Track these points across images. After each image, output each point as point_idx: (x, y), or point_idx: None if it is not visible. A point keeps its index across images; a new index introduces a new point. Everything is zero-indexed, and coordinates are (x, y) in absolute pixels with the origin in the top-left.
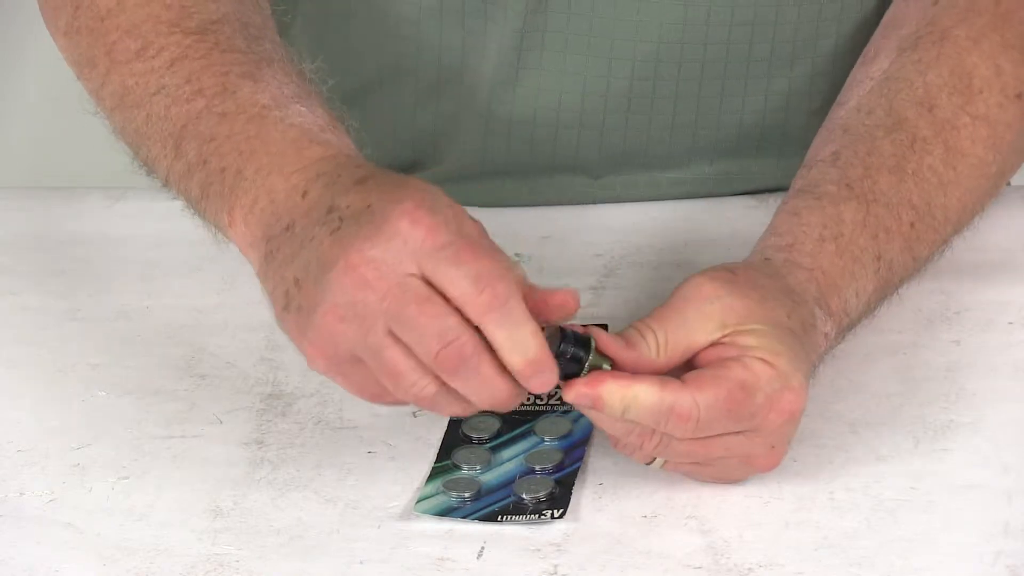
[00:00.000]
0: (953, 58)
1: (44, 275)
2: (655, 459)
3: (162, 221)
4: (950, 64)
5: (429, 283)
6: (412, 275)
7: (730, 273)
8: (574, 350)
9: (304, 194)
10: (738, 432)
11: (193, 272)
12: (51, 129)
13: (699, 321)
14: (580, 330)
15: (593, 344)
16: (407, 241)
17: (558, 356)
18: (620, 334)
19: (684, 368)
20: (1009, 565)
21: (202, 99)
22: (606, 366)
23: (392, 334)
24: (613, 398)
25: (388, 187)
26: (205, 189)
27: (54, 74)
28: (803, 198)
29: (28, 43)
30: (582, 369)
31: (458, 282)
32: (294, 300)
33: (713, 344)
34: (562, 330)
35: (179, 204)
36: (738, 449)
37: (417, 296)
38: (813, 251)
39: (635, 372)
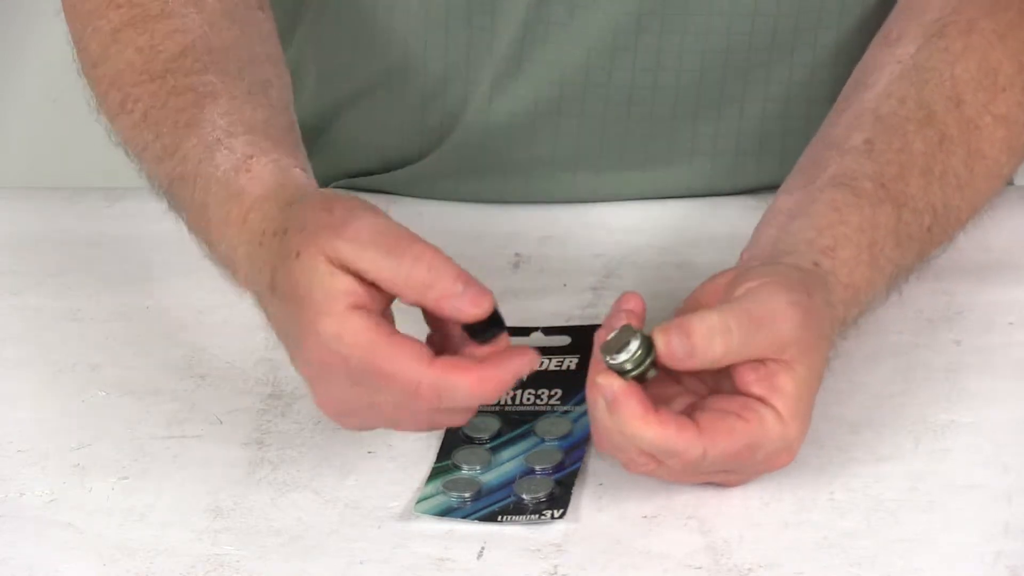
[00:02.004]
0: (980, 52)
1: (44, 275)
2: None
3: (162, 221)
4: (977, 58)
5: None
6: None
7: (808, 298)
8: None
9: (247, 277)
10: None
11: (193, 272)
12: (51, 129)
13: (771, 342)
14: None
15: (654, 354)
16: (329, 372)
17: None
18: (686, 326)
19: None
20: (1009, 565)
21: (168, 161)
22: (652, 373)
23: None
24: (629, 425)
25: (290, 309)
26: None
27: (54, 74)
28: (842, 192)
29: (28, 43)
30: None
31: (391, 399)
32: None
33: (760, 359)
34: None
35: None
36: (716, 478)
37: (370, 385)
38: (851, 261)
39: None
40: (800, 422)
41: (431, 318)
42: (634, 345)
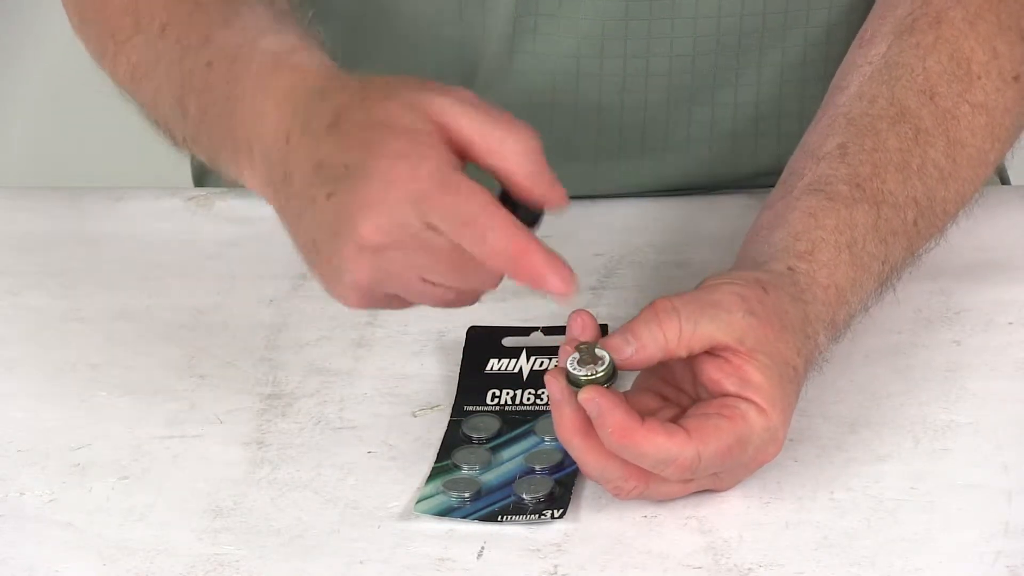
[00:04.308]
0: (951, 42)
1: (44, 275)
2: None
3: (162, 221)
4: (948, 49)
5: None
6: (421, 227)
7: (762, 292)
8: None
9: (287, 139)
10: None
11: (193, 272)
12: (51, 129)
13: (725, 326)
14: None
15: (609, 361)
16: (396, 198)
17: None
18: (640, 322)
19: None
20: (1009, 565)
21: (191, 56)
22: (614, 380)
23: (430, 280)
24: (620, 438)
25: (360, 136)
26: (213, 142)
27: (54, 74)
28: (817, 197)
29: (28, 43)
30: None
31: (445, 227)
32: (316, 259)
33: (721, 355)
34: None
35: (179, 204)
36: (707, 483)
37: (440, 249)
38: (830, 262)
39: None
40: (780, 411)
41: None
42: (603, 351)
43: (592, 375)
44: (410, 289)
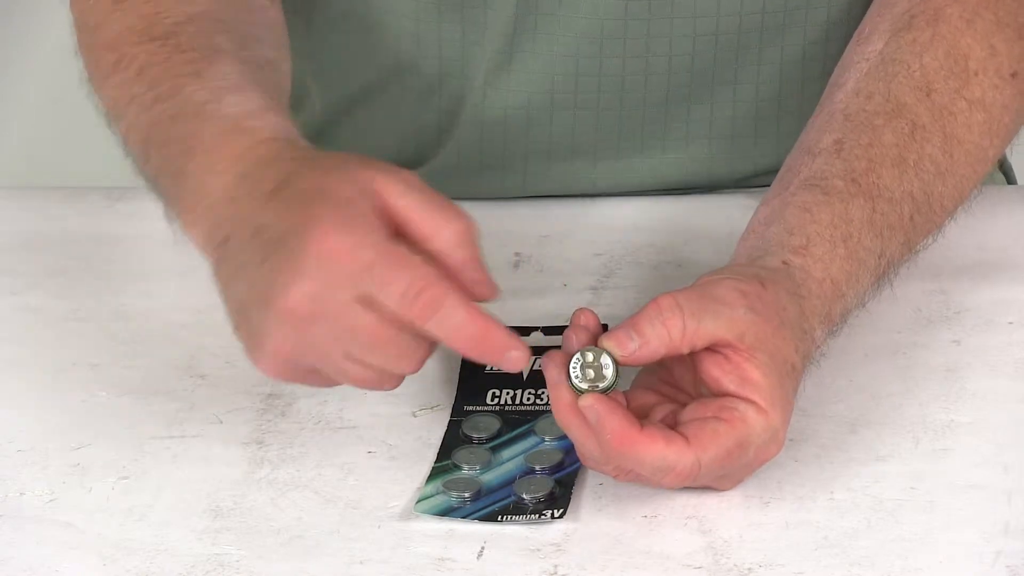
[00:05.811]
0: (948, 39)
1: (44, 275)
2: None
3: (162, 221)
4: (945, 46)
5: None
6: (351, 300)
7: (760, 288)
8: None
9: (233, 200)
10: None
11: (193, 272)
12: (51, 129)
13: (727, 323)
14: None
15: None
16: (331, 268)
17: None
18: (644, 318)
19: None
20: (1009, 565)
21: (160, 104)
22: (619, 381)
23: (352, 357)
24: (620, 447)
25: (300, 203)
26: (167, 193)
27: (54, 74)
28: (812, 192)
29: (28, 43)
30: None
31: (390, 301)
32: (244, 322)
33: (721, 352)
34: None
35: None
36: (709, 484)
37: (367, 325)
38: (825, 256)
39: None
40: (780, 410)
41: None
42: (607, 359)
43: (593, 389)
44: (331, 365)
